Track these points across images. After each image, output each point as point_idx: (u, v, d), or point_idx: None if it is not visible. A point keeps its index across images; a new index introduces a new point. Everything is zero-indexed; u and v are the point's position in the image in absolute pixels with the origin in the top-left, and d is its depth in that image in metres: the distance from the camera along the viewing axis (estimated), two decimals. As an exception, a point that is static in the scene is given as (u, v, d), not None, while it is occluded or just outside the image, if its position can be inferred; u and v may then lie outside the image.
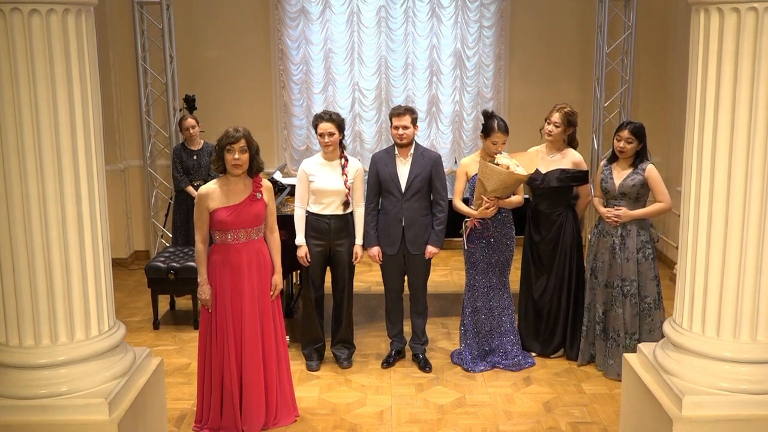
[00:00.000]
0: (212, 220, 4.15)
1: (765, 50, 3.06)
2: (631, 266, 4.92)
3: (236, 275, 4.17)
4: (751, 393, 3.25)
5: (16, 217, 3.14)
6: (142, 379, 3.57)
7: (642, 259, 4.93)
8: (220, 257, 4.20)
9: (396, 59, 8.09)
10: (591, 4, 7.80)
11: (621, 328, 4.97)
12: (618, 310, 4.97)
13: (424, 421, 4.55)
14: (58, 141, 3.12)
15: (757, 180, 3.18)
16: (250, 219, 4.17)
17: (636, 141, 4.89)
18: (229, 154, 4.07)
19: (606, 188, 4.99)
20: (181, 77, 7.77)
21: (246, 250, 4.19)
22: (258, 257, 4.24)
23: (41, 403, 3.20)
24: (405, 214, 5.08)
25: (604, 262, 5.03)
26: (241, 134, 4.08)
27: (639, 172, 4.90)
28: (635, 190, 4.90)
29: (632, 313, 4.94)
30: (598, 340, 5.14)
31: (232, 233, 4.15)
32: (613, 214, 4.94)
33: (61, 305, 3.23)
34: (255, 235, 4.23)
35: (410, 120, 5.02)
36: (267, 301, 4.29)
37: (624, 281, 4.95)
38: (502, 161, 4.92)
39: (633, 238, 4.93)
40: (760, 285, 3.26)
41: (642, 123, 4.99)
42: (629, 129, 4.89)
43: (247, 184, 4.20)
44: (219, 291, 4.21)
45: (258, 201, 4.20)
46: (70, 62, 3.12)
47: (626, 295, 4.95)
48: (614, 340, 5.01)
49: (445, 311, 6.43)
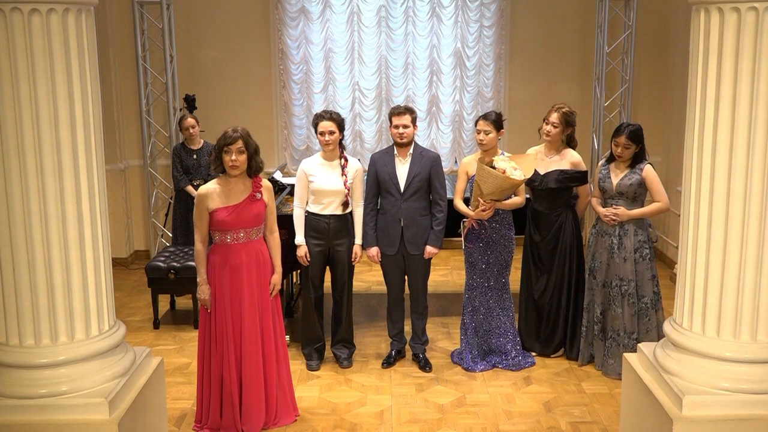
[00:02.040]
0: (212, 220, 4.15)
1: (765, 49, 3.07)
2: (629, 266, 4.93)
3: (236, 275, 4.17)
4: (751, 393, 3.25)
5: (16, 214, 3.14)
6: (142, 378, 3.58)
7: (639, 259, 4.93)
8: (219, 257, 4.19)
9: (396, 59, 8.09)
10: (591, 4, 7.80)
11: (620, 327, 4.97)
12: (617, 309, 4.97)
13: (424, 420, 4.55)
14: (58, 138, 3.12)
15: (758, 178, 3.18)
16: (250, 219, 4.17)
17: (634, 145, 4.89)
18: (226, 155, 4.07)
19: (603, 188, 5.00)
20: (181, 77, 7.77)
21: (245, 250, 4.19)
22: (258, 257, 4.24)
23: (41, 403, 3.20)
24: (404, 213, 5.08)
25: (602, 262, 5.03)
26: (238, 135, 4.07)
27: (637, 171, 4.90)
28: (632, 190, 4.90)
29: (630, 312, 4.94)
30: (596, 340, 5.14)
31: (232, 233, 4.15)
32: (611, 213, 4.95)
33: (62, 305, 3.23)
34: (255, 236, 4.23)
35: (410, 119, 5.02)
36: (267, 302, 4.29)
37: (622, 281, 4.95)
38: (500, 164, 4.90)
39: (630, 238, 4.93)
40: (761, 284, 3.26)
41: (639, 125, 4.98)
42: (626, 134, 4.88)
43: (247, 184, 4.19)
44: (218, 291, 4.20)
45: (258, 201, 4.19)
46: (70, 61, 3.12)
47: (624, 295, 4.95)
48: (614, 340, 5.01)
49: (445, 311, 6.43)
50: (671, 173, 7.52)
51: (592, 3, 7.77)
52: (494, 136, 5.04)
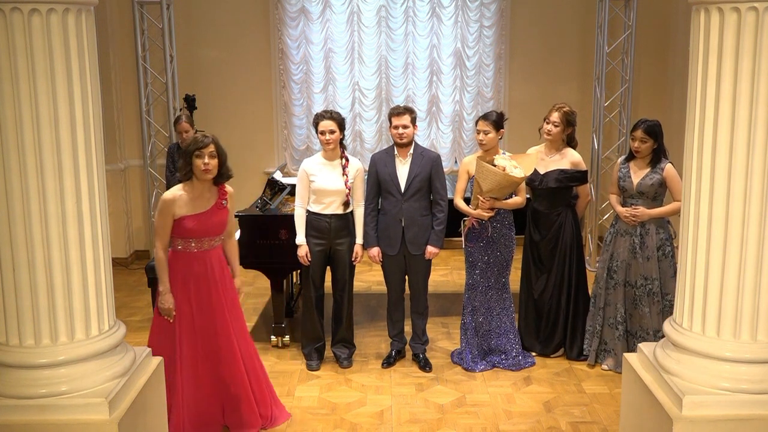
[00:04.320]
0: (177, 227, 4.04)
1: (765, 48, 3.06)
2: (652, 265, 4.91)
3: (203, 284, 4.09)
4: (751, 393, 3.25)
5: (16, 214, 3.13)
6: (142, 378, 3.57)
7: (662, 257, 4.93)
8: (183, 265, 4.08)
9: (396, 59, 8.09)
10: (591, 4, 7.80)
11: (649, 326, 4.94)
12: (644, 309, 4.95)
13: (424, 420, 4.55)
14: (58, 138, 3.12)
15: (758, 178, 3.17)
16: (215, 227, 4.10)
17: (651, 140, 4.88)
18: (198, 159, 3.99)
19: (624, 187, 4.98)
20: (181, 77, 7.77)
21: (209, 257, 4.12)
22: (221, 263, 4.19)
23: (41, 403, 3.19)
24: (404, 214, 5.08)
25: (623, 261, 5.01)
26: (210, 140, 4.02)
27: (657, 171, 4.90)
28: (653, 190, 4.89)
29: (656, 311, 4.93)
30: (620, 340, 5.09)
31: (197, 241, 4.07)
32: (630, 214, 4.93)
33: (61, 305, 3.23)
34: (217, 243, 4.18)
35: (410, 119, 5.02)
36: (237, 307, 4.26)
37: (647, 280, 4.94)
38: (500, 162, 4.91)
39: (652, 236, 4.92)
40: (761, 284, 3.26)
41: (657, 121, 4.97)
42: (642, 128, 4.89)
43: (213, 192, 4.13)
44: (182, 300, 4.08)
45: (223, 209, 4.14)
46: (70, 61, 3.11)
47: (649, 294, 4.93)
48: (643, 339, 4.94)
49: (446, 311, 6.43)
50: (671, 173, 7.51)
51: (592, 3, 7.77)
52: (494, 136, 5.03)
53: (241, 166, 8.08)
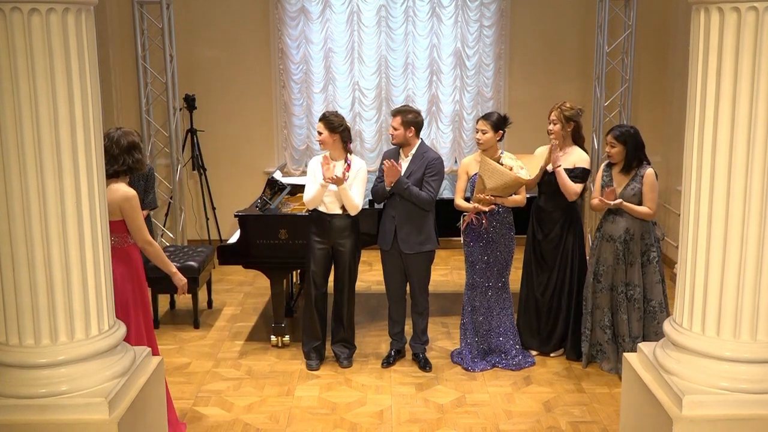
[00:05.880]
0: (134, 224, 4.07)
1: (765, 48, 3.06)
2: (636, 271, 4.92)
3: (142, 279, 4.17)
4: (751, 392, 3.24)
5: (15, 214, 3.13)
6: (142, 378, 3.57)
7: (647, 262, 4.93)
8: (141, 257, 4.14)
9: (396, 59, 8.09)
10: (591, 4, 7.80)
11: (626, 333, 4.96)
12: (623, 315, 4.97)
13: (424, 420, 4.55)
14: (57, 138, 3.12)
15: (758, 177, 3.17)
16: None
17: (620, 145, 4.89)
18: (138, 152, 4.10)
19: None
20: (181, 77, 7.77)
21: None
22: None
23: (41, 403, 3.19)
24: (397, 210, 5.09)
25: (608, 266, 5.01)
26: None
27: (638, 180, 4.90)
28: (636, 200, 4.90)
29: (636, 317, 4.94)
30: (610, 344, 5.12)
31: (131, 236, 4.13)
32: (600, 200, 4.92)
33: (61, 305, 3.23)
34: None
35: (399, 122, 5.05)
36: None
37: (628, 286, 4.95)
38: (507, 162, 4.93)
39: (637, 242, 4.93)
40: (761, 284, 3.26)
41: (632, 128, 4.97)
42: (612, 134, 4.95)
43: None
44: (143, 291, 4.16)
45: None
46: (69, 61, 3.11)
47: (630, 300, 4.95)
48: (621, 345, 5.01)
49: (445, 311, 6.42)
50: (671, 172, 7.52)
51: (592, 3, 7.77)
52: (491, 137, 5.04)
53: (241, 165, 8.12)
